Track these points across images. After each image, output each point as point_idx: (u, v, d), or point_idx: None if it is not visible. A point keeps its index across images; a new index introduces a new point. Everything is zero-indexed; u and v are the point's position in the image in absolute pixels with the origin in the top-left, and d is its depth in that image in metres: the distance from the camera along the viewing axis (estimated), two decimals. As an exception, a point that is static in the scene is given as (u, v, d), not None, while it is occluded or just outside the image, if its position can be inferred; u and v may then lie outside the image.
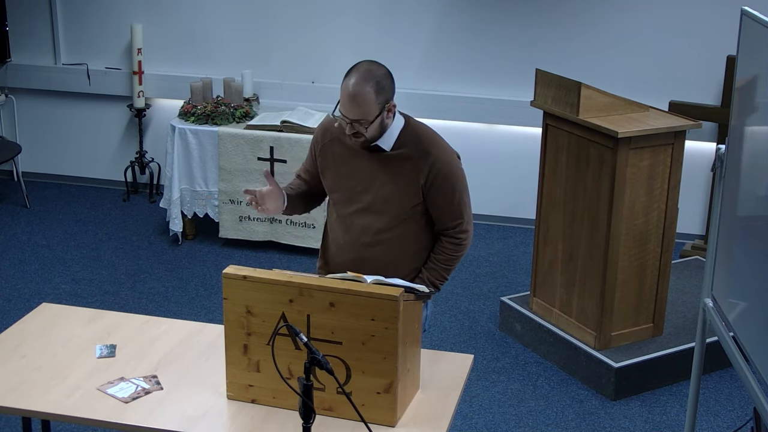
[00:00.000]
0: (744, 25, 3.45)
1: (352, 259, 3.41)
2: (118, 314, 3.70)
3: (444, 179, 3.32)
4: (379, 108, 3.21)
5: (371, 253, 3.39)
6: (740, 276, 3.43)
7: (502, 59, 6.47)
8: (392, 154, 3.32)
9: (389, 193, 3.33)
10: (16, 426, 4.34)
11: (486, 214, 6.77)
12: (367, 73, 3.20)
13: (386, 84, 3.24)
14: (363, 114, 3.19)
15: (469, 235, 3.43)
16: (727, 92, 5.75)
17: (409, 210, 3.34)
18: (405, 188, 3.32)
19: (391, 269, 3.33)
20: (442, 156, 3.33)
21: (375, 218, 3.36)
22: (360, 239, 3.40)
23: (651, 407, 4.62)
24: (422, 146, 3.33)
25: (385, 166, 3.33)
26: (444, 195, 3.34)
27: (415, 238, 3.41)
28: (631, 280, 4.72)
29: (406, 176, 3.31)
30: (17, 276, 5.88)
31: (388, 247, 3.38)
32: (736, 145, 3.52)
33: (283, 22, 6.71)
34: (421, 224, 3.39)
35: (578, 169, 4.72)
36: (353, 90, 3.18)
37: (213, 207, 6.28)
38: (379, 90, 3.20)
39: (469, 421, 4.50)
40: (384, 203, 3.34)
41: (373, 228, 3.37)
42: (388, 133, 3.31)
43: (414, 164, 3.31)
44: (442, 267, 3.42)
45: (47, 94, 7.22)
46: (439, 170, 3.31)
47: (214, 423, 3.00)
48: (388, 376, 2.96)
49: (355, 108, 3.19)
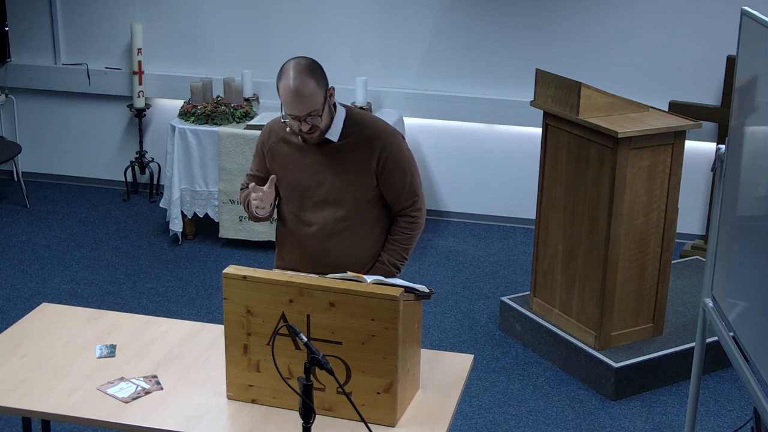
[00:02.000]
0: (744, 25, 3.45)
1: (313, 253, 3.49)
2: (118, 314, 3.70)
3: (395, 162, 3.42)
4: (323, 94, 3.31)
5: (332, 243, 3.47)
6: (740, 276, 3.43)
7: (502, 59, 6.47)
8: (341, 144, 3.41)
9: (343, 182, 3.42)
10: (16, 426, 4.34)
11: (486, 214, 6.77)
12: (301, 67, 3.29)
13: (320, 71, 3.33)
14: (312, 105, 3.28)
15: (423, 213, 3.55)
16: (727, 92, 5.75)
17: (365, 196, 3.44)
18: (358, 175, 3.41)
19: (354, 258, 3.45)
20: (390, 139, 3.44)
21: (332, 210, 3.44)
22: (319, 232, 3.47)
23: (651, 407, 4.62)
24: (368, 132, 3.42)
25: (335, 157, 3.41)
26: (396, 176, 3.44)
27: (374, 223, 3.50)
28: (631, 280, 4.72)
29: (358, 163, 3.40)
30: (17, 276, 5.88)
31: (348, 235, 3.46)
32: (736, 145, 3.52)
33: (283, 22, 6.71)
34: (377, 209, 3.49)
35: (578, 168, 4.72)
36: (295, 86, 3.26)
37: (213, 207, 6.28)
38: (317, 78, 3.30)
39: (469, 421, 4.50)
40: (339, 193, 3.43)
41: (331, 219, 3.45)
42: (333, 125, 3.40)
43: (363, 150, 3.40)
44: (401, 247, 3.52)
45: (47, 94, 7.23)
46: (390, 154, 3.41)
47: (214, 423, 3.00)
48: (388, 376, 2.96)
49: (304, 102, 3.27)
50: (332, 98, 3.39)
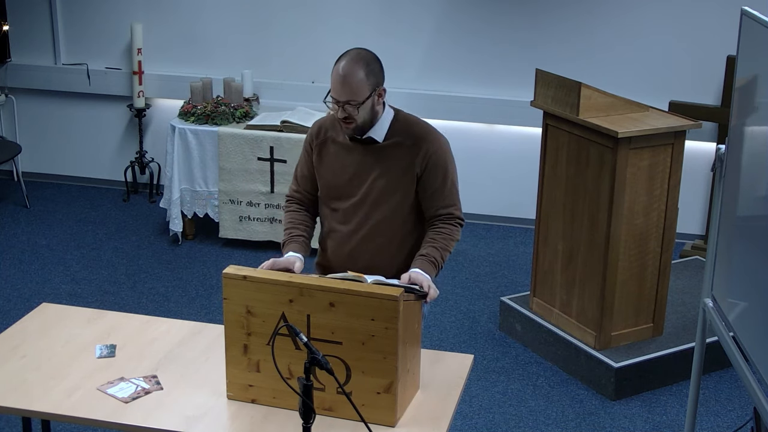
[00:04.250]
0: (744, 25, 3.45)
1: (349, 251, 3.46)
2: (118, 314, 3.70)
3: (436, 165, 3.38)
4: (369, 89, 3.27)
5: (366, 245, 3.43)
6: (740, 276, 3.43)
7: (502, 59, 6.47)
8: (385, 145, 3.38)
9: (385, 184, 3.38)
10: (16, 426, 4.34)
11: (486, 214, 6.77)
12: (356, 56, 3.28)
13: (376, 67, 3.31)
14: (353, 94, 3.25)
15: (463, 222, 3.45)
16: (727, 92, 5.75)
17: (405, 200, 3.39)
18: (401, 178, 3.37)
19: (387, 260, 3.41)
20: (435, 142, 3.40)
21: (371, 210, 3.41)
22: (354, 232, 3.44)
23: (651, 407, 4.62)
24: (414, 134, 3.39)
25: (379, 157, 3.38)
26: (436, 180, 3.38)
27: (411, 230, 3.45)
28: (631, 280, 4.72)
29: (401, 165, 3.37)
30: (17, 276, 5.88)
31: (383, 239, 3.42)
32: (736, 145, 3.52)
33: (283, 22, 6.71)
34: (414, 216, 3.44)
35: (578, 169, 4.72)
36: (343, 71, 3.25)
37: (213, 207, 6.28)
38: (369, 72, 3.27)
39: (469, 421, 4.50)
40: (380, 194, 3.39)
41: (367, 220, 3.41)
42: (379, 125, 3.37)
43: (407, 153, 3.36)
44: (442, 245, 3.37)
45: (47, 94, 7.22)
46: (431, 156, 3.37)
47: (214, 423, 3.00)
48: (388, 376, 2.96)
49: (346, 89, 3.25)
50: (381, 98, 3.34)
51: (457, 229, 3.43)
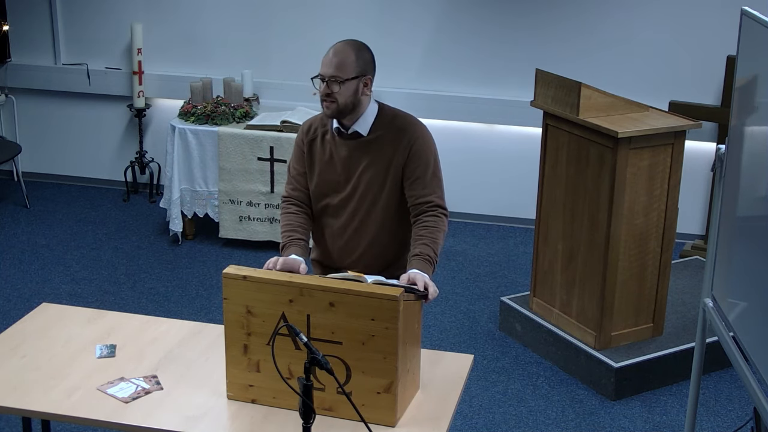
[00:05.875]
0: (744, 25, 3.45)
1: (342, 245, 3.51)
2: (118, 314, 3.70)
3: (417, 153, 3.41)
4: (355, 71, 3.33)
5: (360, 237, 3.48)
6: (740, 276, 3.43)
7: (502, 59, 6.47)
8: (370, 139, 3.44)
9: (372, 177, 3.43)
10: (16, 426, 4.34)
11: (486, 214, 6.77)
12: (351, 41, 3.39)
13: (367, 56, 3.38)
14: (339, 70, 3.31)
15: (447, 212, 3.44)
16: (727, 92, 5.75)
17: (394, 191, 3.43)
18: (387, 169, 3.42)
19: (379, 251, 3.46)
20: (416, 132, 3.44)
21: (361, 203, 3.45)
22: (345, 226, 3.49)
23: (651, 407, 4.62)
24: (396, 126, 3.44)
25: (365, 151, 3.43)
26: (417, 168, 3.41)
27: (402, 219, 3.48)
28: (631, 280, 4.72)
29: (386, 157, 3.41)
30: (17, 276, 5.88)
31: (376, 229, 3.46)
32: (736, 145, 3.52)
33: (283, 22, 6.71)
34: (404, 208, 3.47)
35: (578, 169, 4.72)
36: (335, 49, 3.35)
37: (213, 207, 6.28)
38: (359, 56, 3.34)
39: (469, 421, 4.50)
40: (368, 187, 3.43)
41: (360, 213, 3.46)
42: (364, 119, 3.43)
43: (391, 144, 3.42)
44: (432, 240, 3.36)
45: (47, 94, 7.22)
46: (413, 144, 3.41)
47: (214, 423, 3.00)
48: (388, 376, 2.96)
49: (333, 62, 3.32)
50: (367, 88, 3.38)
51: (442, 220, 3.42)
